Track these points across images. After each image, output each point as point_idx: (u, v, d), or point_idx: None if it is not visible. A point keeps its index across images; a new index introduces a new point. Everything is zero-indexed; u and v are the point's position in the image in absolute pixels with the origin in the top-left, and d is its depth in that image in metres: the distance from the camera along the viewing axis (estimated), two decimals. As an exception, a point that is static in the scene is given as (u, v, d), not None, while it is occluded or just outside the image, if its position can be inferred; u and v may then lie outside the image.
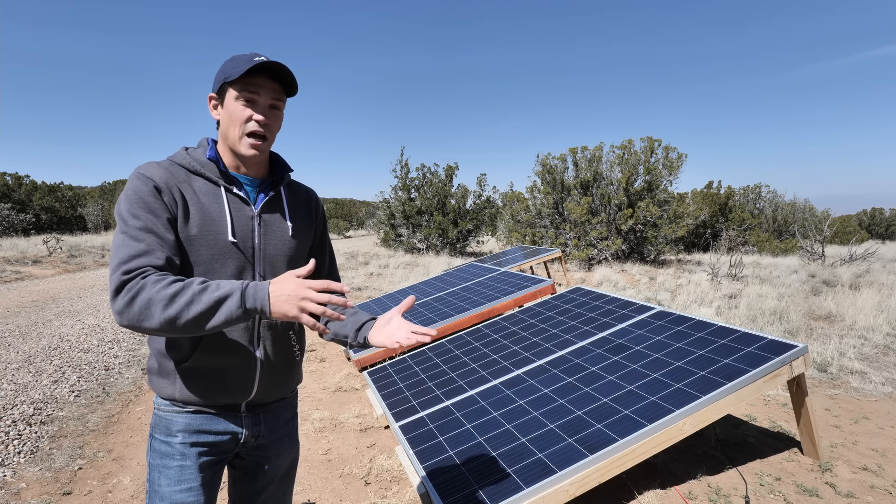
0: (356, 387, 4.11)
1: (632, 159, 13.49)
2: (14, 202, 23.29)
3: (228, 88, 1.16)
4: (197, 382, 1.18)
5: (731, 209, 19.83)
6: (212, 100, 1.23)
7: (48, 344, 5.31)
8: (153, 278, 1.01)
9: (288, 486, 1.41)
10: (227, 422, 1.23)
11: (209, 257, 1.15)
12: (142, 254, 1.05)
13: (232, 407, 1.23)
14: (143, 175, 1.11)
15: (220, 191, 1.19)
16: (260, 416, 1.28)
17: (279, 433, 1.33)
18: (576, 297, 4.11)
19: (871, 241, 20.09)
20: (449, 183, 17.41)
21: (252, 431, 1.27)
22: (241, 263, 1.19)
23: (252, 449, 1.30)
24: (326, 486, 2.64)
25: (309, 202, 1.38)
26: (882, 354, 4.87)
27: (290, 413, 1.38)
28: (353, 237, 30.40)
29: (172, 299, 0.99)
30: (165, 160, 1.18)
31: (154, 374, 1.22)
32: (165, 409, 1.20)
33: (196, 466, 1.20)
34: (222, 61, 1.22)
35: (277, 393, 1.29)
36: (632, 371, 2.73)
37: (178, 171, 1.16)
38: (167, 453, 1.19)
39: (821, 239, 12.77)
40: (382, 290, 8.73)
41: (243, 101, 1.16)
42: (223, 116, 1.19)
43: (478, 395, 2.98)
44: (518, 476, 2.11)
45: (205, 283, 1.03)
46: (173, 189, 1.12)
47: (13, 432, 3.18)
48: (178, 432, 1.19)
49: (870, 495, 2.45)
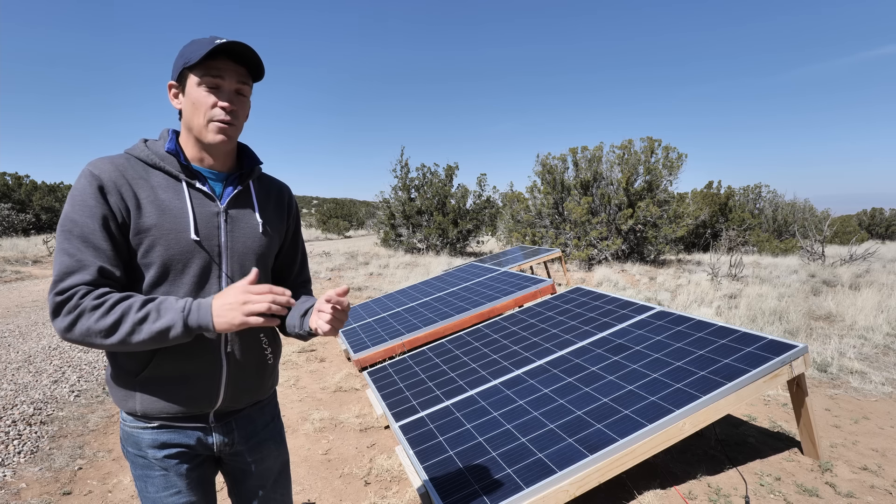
0: (356, 387, 4.11)
1: (632, 159, 13.49)
2: (14, 202, 23.29)
3: (189, 74, 1.09)
4: (158, 393, 1.10)
5: (731, 209, 19.82)
6: (171, 88, 1.13)
7: (48, 344, 5.31)
8: (89, 304, 0.97)
9: (284, 487, 1.36)
10: (195, 433, 1.17)
11: (169, 258, 1.07)
12: (74, 271, 0.99)
13: (199, 417, 1.17)
14: (91, 173, 1.04)
15: (181, 186, 1.11)
16: (231, 423, 1.22)
17: (258, 437, 1.28)
18: (576, 297, 4.11)
19: (871, 241, 20.09)
20: (449, 183, 17.40)
21: (225, 439, 1.21)
22: (205, 263, 1.12)
23: (231, 456, 1.25)
24: (326, 486, 2.64)
25: (281, 197, 1.31)
26: (882, 354, 4.86)
27: (268, 415, 1.31)
28: (353, 237, 30.39)
29: (113, 331, 0.97)
30: (121, 154, 1.11)
31: (112, 385, 1.14)
32: (130, 424, 1.14)
33: (178, 473, 1.16)
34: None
35: (248, 398, 1.23)
36: (632, 371, 2.73)
37: (133, 165, 1.09)
38: (146, 465, 1.15)
39: (821, 239, 12.77)
40: (382, 290, 8.73)
41: (206, 88, 1.08)
42: (185, 105, 1.10)
43: (478, 395, 2.98)
44: (518, 476, 2.11)
45: (144, 306, 1.00)
46: (123, 187, 1.05)
47: (13, 432, 3.18)
48: (147, 448, 1.14)
49: (870, 495, 2.45)
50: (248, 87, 1.14)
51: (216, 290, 1.14)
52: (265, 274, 1.25)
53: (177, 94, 1.13)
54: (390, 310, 5.42)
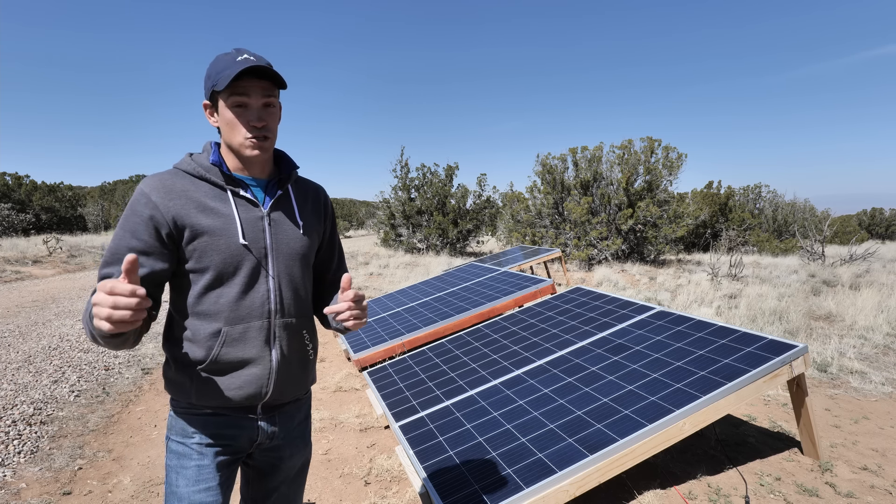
0: (356, 387, 4.11)
1: (632, 159, 13.49)
2: (14, 202, 23.29)
3: (220, 95, 1.16)
4: (214, 385, 1.18)
5: (731, 209, 19.83)
6: (206, 108, 1.22)
7: (48, 344, 5.30)
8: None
9: (299, 486, 1.41)
10: (242, 424, 1.23)
11: (221, 262, 1.15)
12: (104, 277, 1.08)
13: (248, 409, 1.24)
14: (142, 191, 1.13)
15: (226, 194, 1.19)
16: (275, 417, 1.28)
17: (292, 434, 1.34)
18: (576, 297, 4.11)
19: (871, 241, 20.09)
20: (449, 183, 17.40)
21: (267, 433, 1.27)
22: (254, 266, 1.19)
23: (266, 450, 1.31)
24: (326, 486, 2.64)
25: (318, 198, 1.37)
26: (882, 354, 4.87)
27: (303, 414, 1.38)
28: (353, 237, 30.39)
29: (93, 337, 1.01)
30: (170, 169, 1.20)
31: (170, 377, 1.21)
32: (181, 411, 1.21)
33: (214, 466, 1.20)
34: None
35: (292, 393, 1.29)
36: (632, 371, 2.73)
37: (182, 179, 1.17)
38: (184, 453, 1.19)
39: (821, 239, 12.77)
40: (382, 290, 8.73)
41: (236, 107, 1.15)
42: (221, 123, 1.18)
43: (478, 395, 2.98)
44: (518, 476, 2.11)
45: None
46: (174, 201, 1.13)
47: (13, 432, 3.18)
48: (195, 433, 1.20)
49: (870, 495, 2.45)
50: (275, 97, 1.19)
51: (264, 291, 1.21)
52: (307, 272, 1.31)
53: (212, 112, 1.21)
54: (390, 310, 5.42)
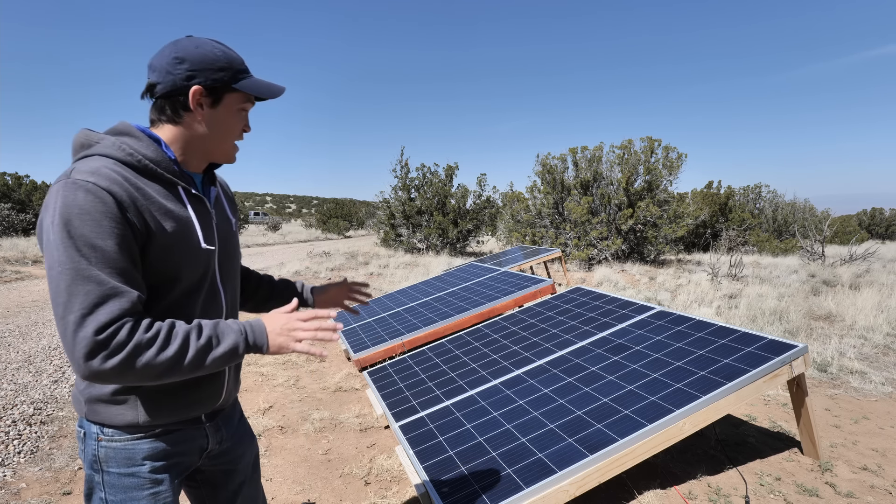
0: (356, 387, 4.11)
1: (632, 159, 13.49)
2: (14, 202, 23.29)
3: (231, 95, 1.05)
4: (166, 400, 1.05)
5: (731, 209, 19.82)
6: (200, 95, 1.01)
7: (48, 344, 5.30)
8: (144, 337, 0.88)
9: (258, 481, 1.38)
10: (193, 435, 1.14)
11: (179, 269, 1.01)
12: (108, 300, 0.86)
13: (195, 420, 1.14)
14: (97, 187, 0.89)
15: (179, 192, 1.04)
16: (218, 421, 1.22)
17: (238, 431, 1.30)
18: (576, 297, 4.11)
19: (871, 241, 20.09)
20: (449, 183, 17.39)
21: (217, 438, 1.21)
22: (206, 269, 1.08)
23: (216, 457, 1.24)
24: (326, 486, 2.64)
25: (227, 190, 1.29)
26: (882, 354, 4.87)
27: (238, 411, 1.33)
28: (353, 237, 30.39)
29: (176, 363, 0.91)
30: (111, 161, 0.95)
31: (100, 401, 1.02)
32: (121, 438, 1.04)
33: (171, 490, 1.09)
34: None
35: (234, 393, 1.25)
36: (632, 371, 2.73)
37: (129, 173, 0.96)
38: (134, 485, 1.04)
39: (821, 239, 12.77)
40: (382, 290, 8.73)
41: (241, 111, 1.08)
42: (210, 121, 1.04)
43: (478, 394, 2.98)
44: (518, 476, 2.11)
45: (200, 332, 0.95)
46: (137, 202, 0.94)
47: (13, 432, 3.18)
48: (145, 460, 1.05)
49: (870, 495, 2.45)
50: None
51: (221, 299, 1.14)
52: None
53: (205, 105, 1.03)
54: (390, 310, 5.42)
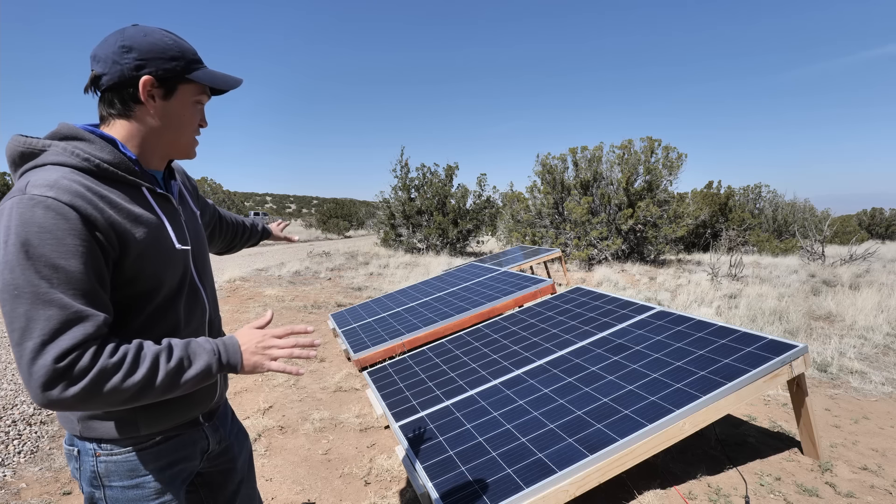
0: (356, 387, 4.11)
1: (632, 159, 13.49)
2: (14, 202, 23.30)
3: (185, 86, 0.99)
4: (163, 406, 1.03)
5: (731, 209, 19.82)
6: (151, 87, 0.94)
7: (48, 344, 5.31)
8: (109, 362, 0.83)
9: (253, 479, 1.38)
10: (194, 438, 1.13)
11: (158, 275, 0.98)
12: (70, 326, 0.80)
13: (194, 422, 1.13)
14: (58, 202, 0.82)
15: (143, 193, 0.99)
16: (216, 421, 1.22)
17: (233, 429, 1.30)
18: (576, 296, 4.11)
19: (871, 241, 20.08)
20: (449, 183, 17.40)
21: (215, 439, 1.21)
22: (183, 269, 1.05)
23: (217, 456, 1.24)
24: (326, 486, 2.64)
25: (186, 178, 1.25)
26: (882, 354, 4.86)
27: (230, 409, 1.34)
28: (353, 237, 30.39)
29: (145, 388, 0.86)
30: (68, 170, 0.88)
31: (96, 418, 0.99)
32: (121, 450, 1.01)
33: (178, 498, 1.08)
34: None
35: (225, 391, 1.26)
36: (632, 371, 2.73)
37: (91, 181, 0.90)
38: (139, 497, 1.02)
39: (821, 239, 12.77)
40: (382, 290, 8.73)
41: (196, 104, 1.03)
42: (163, 115, 0.98)
43: (478, 394, 2.98)
44: (518, 476, 2.11)
45: (170, 354, 0.90)
46: (104, 213, 0.88)
47: (13, 432, 3.18)
48: (149, 471, 1.03)
49: (870, 495, 2.45)
50: None
51: (203, 297, 1.13)
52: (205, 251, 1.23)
53: (156, 96, 0.96)
54: (390, 310, 5.42)
